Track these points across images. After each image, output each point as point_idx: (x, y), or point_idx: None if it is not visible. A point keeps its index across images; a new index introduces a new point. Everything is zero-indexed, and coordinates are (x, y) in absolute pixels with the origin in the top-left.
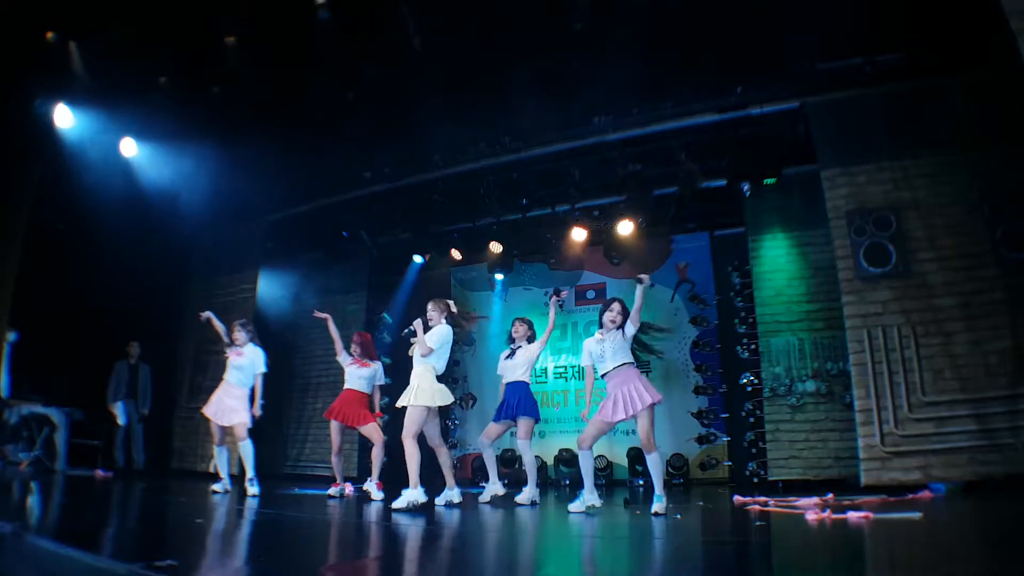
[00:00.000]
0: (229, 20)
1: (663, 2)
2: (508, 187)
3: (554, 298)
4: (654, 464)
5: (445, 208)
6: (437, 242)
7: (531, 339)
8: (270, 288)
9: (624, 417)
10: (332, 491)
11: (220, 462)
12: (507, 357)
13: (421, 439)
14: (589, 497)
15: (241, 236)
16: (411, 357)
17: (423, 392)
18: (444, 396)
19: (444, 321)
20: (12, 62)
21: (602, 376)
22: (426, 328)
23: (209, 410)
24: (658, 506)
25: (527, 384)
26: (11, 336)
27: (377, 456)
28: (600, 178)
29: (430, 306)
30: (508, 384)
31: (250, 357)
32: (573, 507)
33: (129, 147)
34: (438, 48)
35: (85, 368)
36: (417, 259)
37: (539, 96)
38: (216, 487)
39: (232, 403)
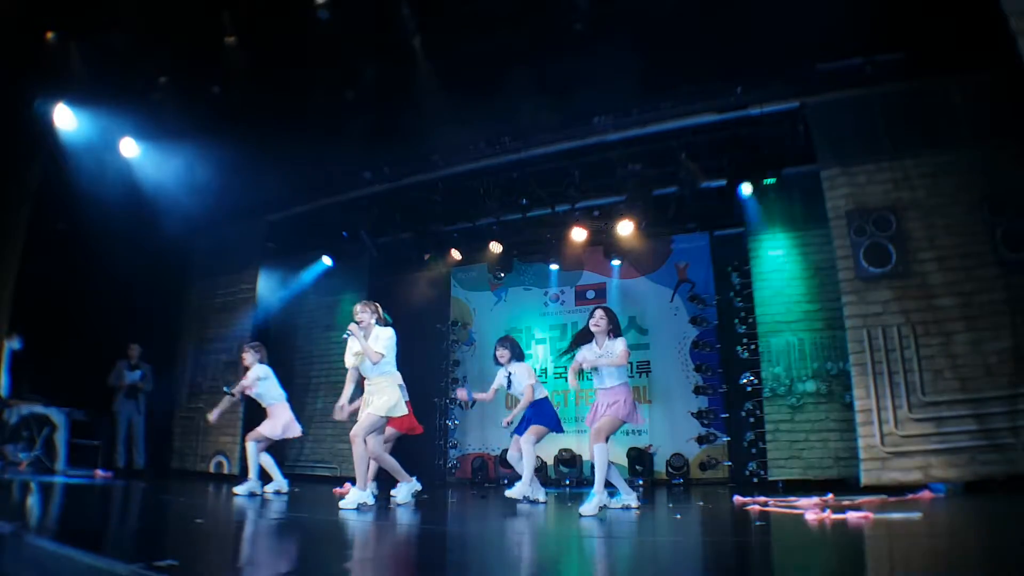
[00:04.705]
0: (229, 20)
1: (663, 2)
2: (508, 187)
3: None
4: (595, 455)
5: (445, 208)
6: (437, 242)
7: (520, 357)
8: (270, 288)
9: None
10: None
11: (265, 464)
12: (506, 377)
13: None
14: (626, 497)
15: (241, 236)
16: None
17: (381, 402)
18: (396, 408)
19: (374, 323)
20: (12, 62)
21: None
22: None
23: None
24: (585, 506)
25: (544, 398)
26: (16, 343)
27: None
28: (600, 178)
29: (359, 307)
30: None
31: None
32: (612, 503)
33: (129, 147)
34: (438, 48)
35: (85, 368)
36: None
37: (539, 96)
38: (267, 488)
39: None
